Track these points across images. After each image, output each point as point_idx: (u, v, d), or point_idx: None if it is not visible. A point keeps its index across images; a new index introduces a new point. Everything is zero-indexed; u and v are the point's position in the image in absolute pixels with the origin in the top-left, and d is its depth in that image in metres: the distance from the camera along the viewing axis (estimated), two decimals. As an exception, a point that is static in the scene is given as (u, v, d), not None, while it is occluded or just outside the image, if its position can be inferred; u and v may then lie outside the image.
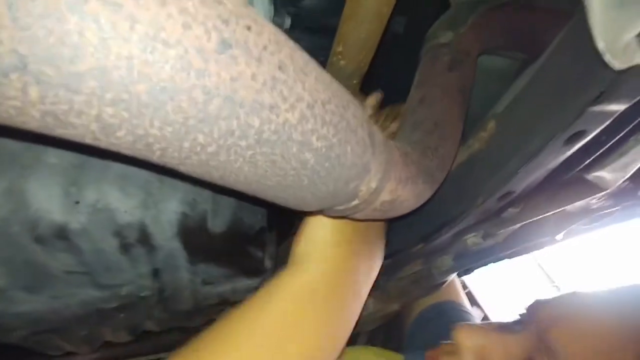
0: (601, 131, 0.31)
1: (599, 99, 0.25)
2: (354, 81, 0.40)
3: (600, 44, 0.16)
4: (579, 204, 0.60)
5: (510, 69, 0.55)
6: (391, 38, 0.41)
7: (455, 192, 0.39)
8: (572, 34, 0.30)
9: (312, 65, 0.17)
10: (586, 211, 0.62)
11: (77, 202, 0.19)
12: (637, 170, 0.41)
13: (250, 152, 0.15)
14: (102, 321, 0.32)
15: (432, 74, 0.40)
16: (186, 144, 0.13)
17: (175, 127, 0.12)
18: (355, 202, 0.22)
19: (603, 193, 0.52)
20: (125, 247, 0.23)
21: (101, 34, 0.10)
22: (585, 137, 0.30)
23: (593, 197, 0.51)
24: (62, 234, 0.20)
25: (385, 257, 0.46)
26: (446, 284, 0.73)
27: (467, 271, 1.03)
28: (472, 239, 0.45)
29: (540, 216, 0.45)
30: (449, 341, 0.40)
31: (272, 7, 0.35)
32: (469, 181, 0.38)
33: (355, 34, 0.35)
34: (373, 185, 0.22)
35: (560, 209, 0.48)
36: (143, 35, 0.11)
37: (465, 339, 0.37)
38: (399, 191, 0.25)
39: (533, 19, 0.48)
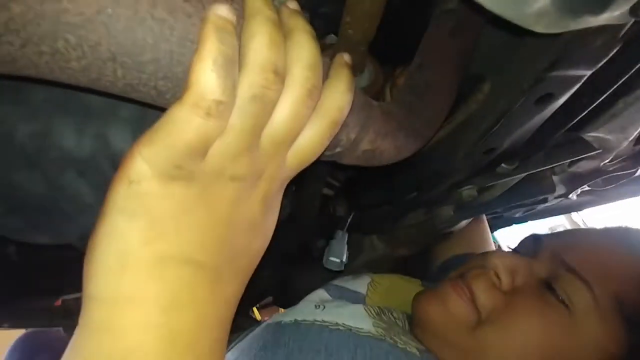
0: (580, 94, 0.35)
1: (554, 66, 0.29)
2: (362, 48, 0.45)
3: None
4: (588, 165, 0.63)
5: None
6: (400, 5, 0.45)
7: (449, 147, 0.44)
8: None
9: None
10: (598, 172, 0.63)
11: (140, 144, 0.28)
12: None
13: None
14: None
15: (434, 40, 0.43)
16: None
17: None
18: (338, 149, 0.29)
19: (614, 155, 0.54)
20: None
21: (156, 39, 0.17)
22: (556, 99, 0.34)
23: (601, 158, 0.54)
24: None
25: (385, 203, 0.53)
26: (477, 236, 0.77)
27: (490, 229, 1.06)
28: (467, 191, 0.50)
29: (534, 170, 0.49)
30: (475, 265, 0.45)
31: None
32: (460, 137, 0.43)
33: (360, 5, 0.40)
34: (352, 136, 0.28)
35: (556, 165, 0.51)
36: (178, 38, 0.18)
37: (499, 259, 0.43)
38: (378, 142, 0.31)
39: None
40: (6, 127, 0.26)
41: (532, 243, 0.47)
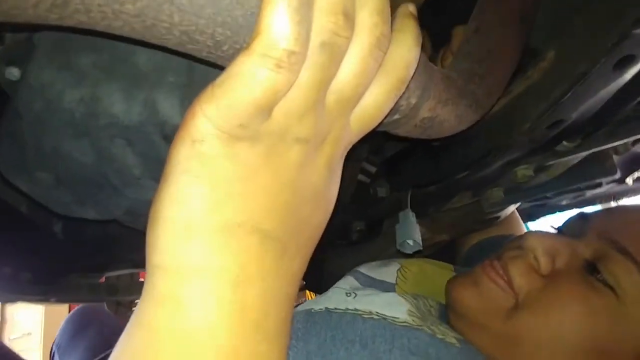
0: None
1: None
2: (410, 14, 0.42)
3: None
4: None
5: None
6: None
7: (506, 121, 0.40)
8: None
9: None
10: (663, 153, 0.58)
11: (187, 112, 0.27)
12: None
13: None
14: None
15: (492, 2, 0.39)
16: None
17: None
18: (397, 116, 0.26)
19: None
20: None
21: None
22: (636, 62, 0.30)
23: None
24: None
25: (431, 183, 0.50)
26: (506, 220, 0.73)
27: (531, 217, 1.00)
28: (522, 171, 0.47)
29: (598, 148, 0.44)
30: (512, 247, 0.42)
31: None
32: (520, 110, 0.39)
33: (412, -34, 0.37)
34: (412, 101, 0.26)
35: (621, 143, 0.46)
36: (239, -24, 0.16)
37: (537, 240, 0.39)
38: (438, 110, 0.28)
39: None
40: (54, 92, 0.26)
41: (579, 222, 0.43)
